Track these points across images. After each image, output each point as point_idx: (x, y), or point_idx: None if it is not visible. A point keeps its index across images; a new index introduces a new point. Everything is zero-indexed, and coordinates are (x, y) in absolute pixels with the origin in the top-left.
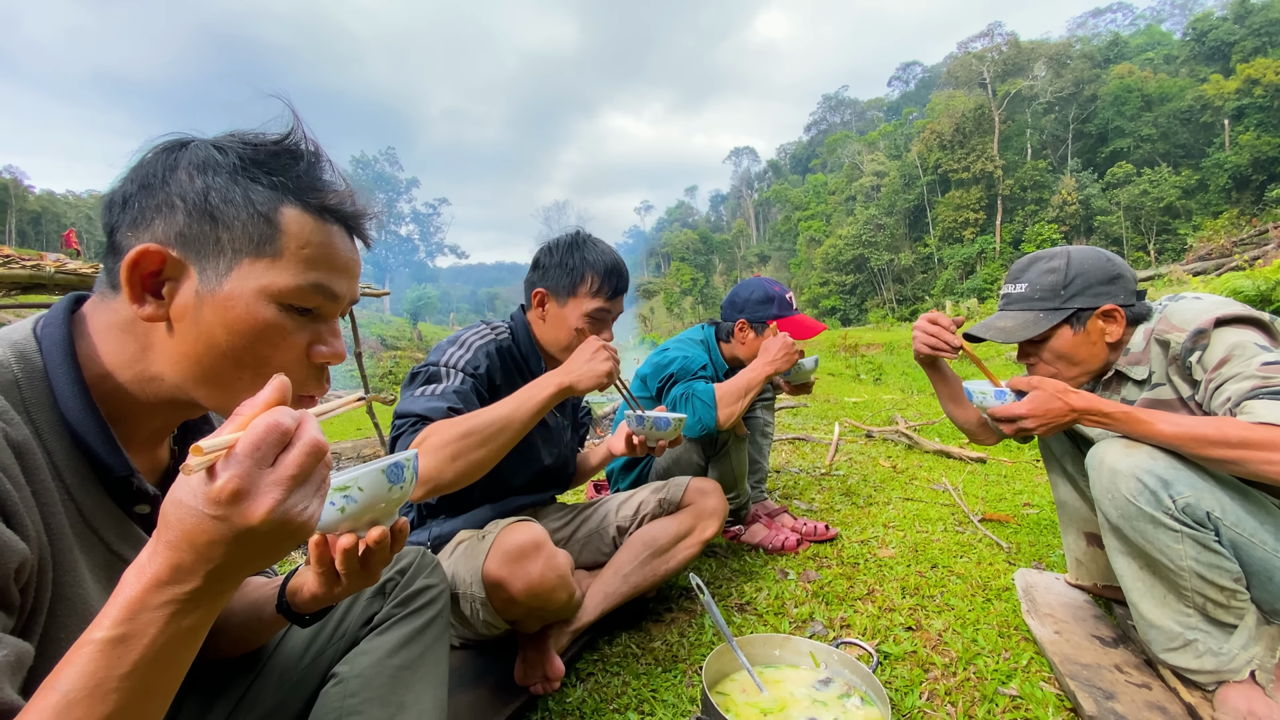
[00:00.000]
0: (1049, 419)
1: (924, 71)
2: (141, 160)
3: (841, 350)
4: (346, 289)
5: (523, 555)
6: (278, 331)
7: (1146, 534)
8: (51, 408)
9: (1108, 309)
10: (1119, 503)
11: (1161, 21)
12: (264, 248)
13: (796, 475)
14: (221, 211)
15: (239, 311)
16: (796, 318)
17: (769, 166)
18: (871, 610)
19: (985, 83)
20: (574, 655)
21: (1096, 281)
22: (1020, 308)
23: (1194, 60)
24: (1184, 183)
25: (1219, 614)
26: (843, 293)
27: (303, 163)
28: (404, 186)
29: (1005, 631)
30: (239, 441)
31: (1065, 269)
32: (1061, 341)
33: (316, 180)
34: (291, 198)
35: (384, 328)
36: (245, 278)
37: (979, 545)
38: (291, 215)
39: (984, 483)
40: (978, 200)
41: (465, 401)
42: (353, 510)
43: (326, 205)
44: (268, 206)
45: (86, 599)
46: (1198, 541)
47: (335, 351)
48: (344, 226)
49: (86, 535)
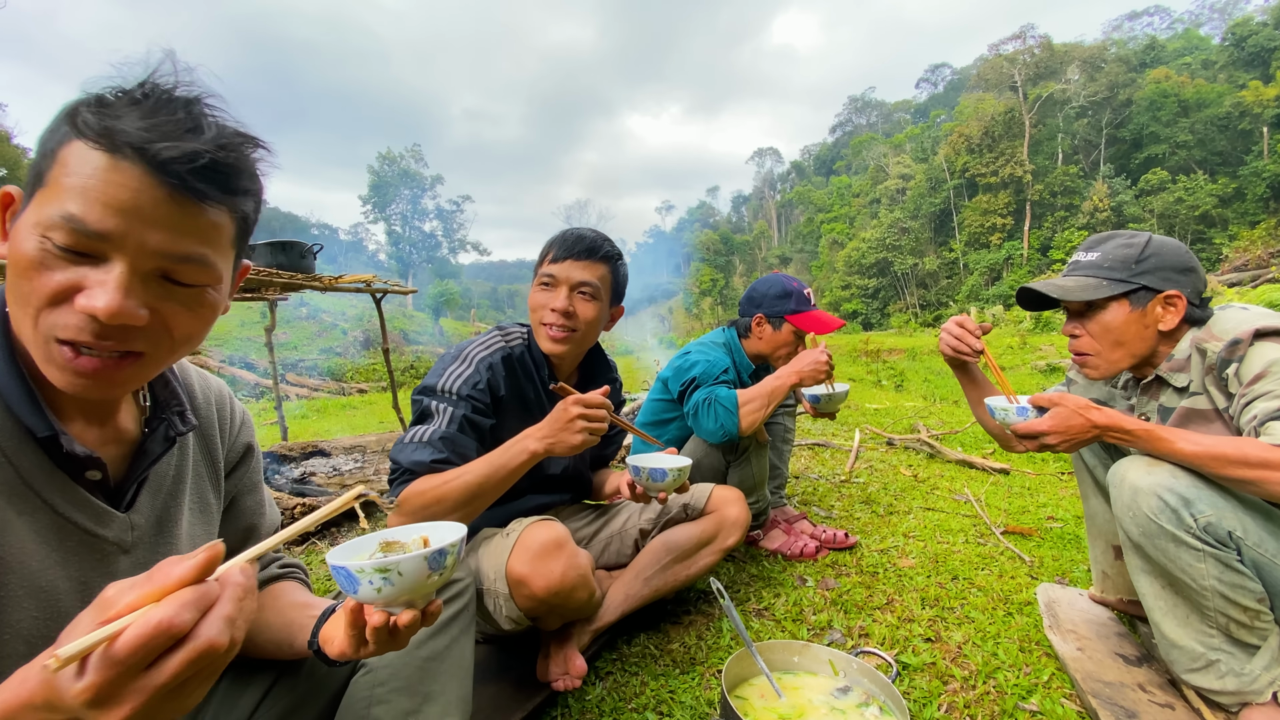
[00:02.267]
0: (1071, 435)
1: (953, 74)
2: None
3: (863, 355)
4: (114, 225)
5: (545, 554)
6: (33, 265)
7: (1169, 553)
8: None
9: (1171, 294)
10: (1140, 520)
11: (1200, 26)
12: (40, 180)
13: (816, 481)
14: (41, 149)
15: (15, 244)
16: (813, 313)
17: (792, 168)
18: (891, 620)
19: (1016, 85)
20: (594, 654)
21: (1170, 266)
22: (1086, 273)
23: (1233, 66)
24: (1221, 191)
25: (1242, 634)
26: (865, 296)
27: (140, 109)
28: (429, 183)
29: (1026, 646)
30: (120, 639)
31: (1144, 246)
32: (1116, 316)
33: (123, 115)
34: (86, 134)
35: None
36: (31, 212)
37: (1001, 558)
38: (74, 149)
39: (1007, 494)
40: (1005, 205)
41: (451, 446)
42: (389, 593)
43: (114, 135)
44: (57, 143)
45: (24, 559)
46: (1220, 561)
47: (90, 304)
48: (147, 163)
49: (27, 496)
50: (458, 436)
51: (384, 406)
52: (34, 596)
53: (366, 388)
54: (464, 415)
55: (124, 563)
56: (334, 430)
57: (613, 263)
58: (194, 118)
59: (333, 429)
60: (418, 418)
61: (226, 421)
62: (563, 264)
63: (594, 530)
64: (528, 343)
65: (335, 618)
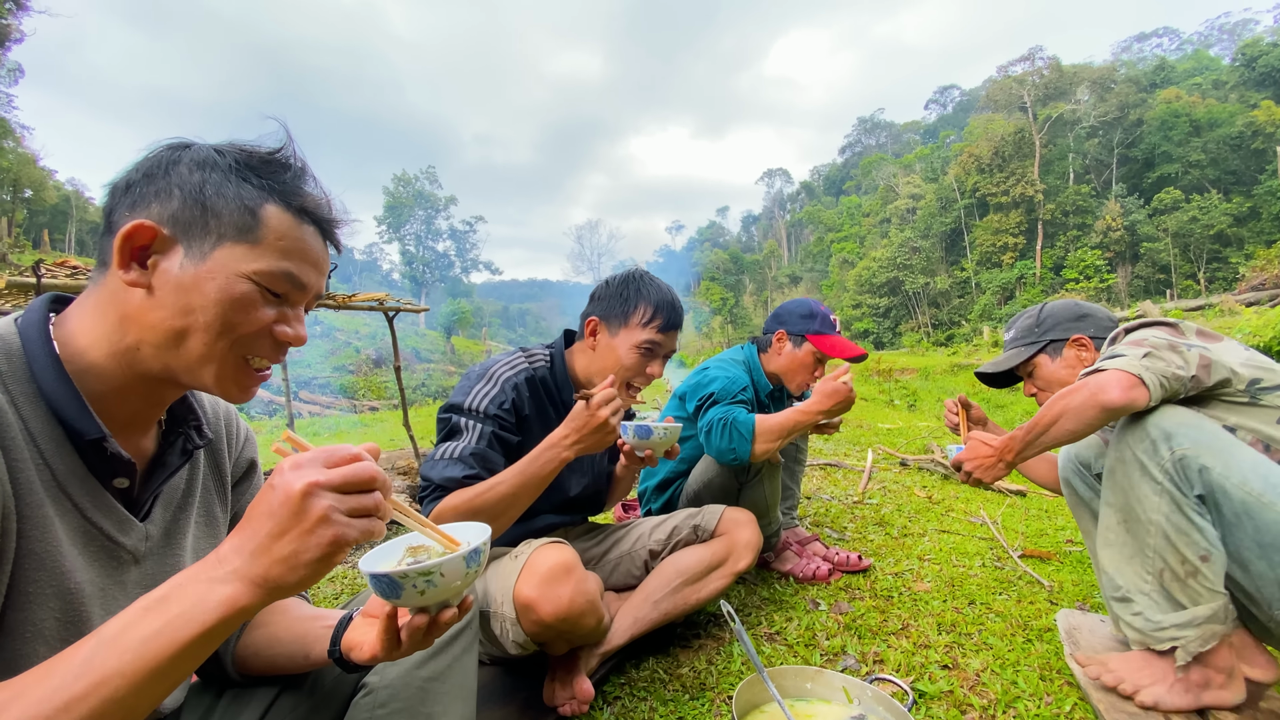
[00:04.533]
0: (979, 459)
1: (962, 95)
2: (147, 155)
3: (875, 374)
4: (314, 281)
5: (554, 578)
6: (249, 303)
7: (1132, 480)
8: (29, 380)
9: (1077, 338)
10: (1121, 450)
11: (1210, 46)
12: (245, 235)
13: (828, 502)
14: (213, 202)
15: (218, 282)
16: (836, 337)
17: (802, 188)
18: (906, 646)
19: (1025, 106)
20: (602, 678)
21: (1065, 319)
22: (1009, 346)
23: (1244, 86)
24: (1235, 210)
25: (1174, 588)
26: (876, 315)
27: (289, 172)
28: (442, 204)
29: (1047, 674)
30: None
31: (1038, 313)
32: (1044, 369)
33: (299, 187)
34: (275, 198)
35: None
36: (226, 257)
37: (1019, 582)
38: (273, 212)
39: (1024, 517)
40: (1017, 224)
41: (482, 462)
42: (433, 594)
43: (305, 207)
44: (253, 202)
45: (58, 558)
46: (1174, 501)
47: (297, 334)
48: (318, 229)
49: (60, 498)
50: (488, 452)
51: (395, 424)
52: (59, 597)
53: (378, 405)
54: (493, 432)
55: (134, 573)
56: None
57: None
58: (316, 182)
59: None
60: (446, 434)
61: (233, 437)
62: (668, 334)
63: (602, 551)
64: (551, 365)
65: (358, 625)
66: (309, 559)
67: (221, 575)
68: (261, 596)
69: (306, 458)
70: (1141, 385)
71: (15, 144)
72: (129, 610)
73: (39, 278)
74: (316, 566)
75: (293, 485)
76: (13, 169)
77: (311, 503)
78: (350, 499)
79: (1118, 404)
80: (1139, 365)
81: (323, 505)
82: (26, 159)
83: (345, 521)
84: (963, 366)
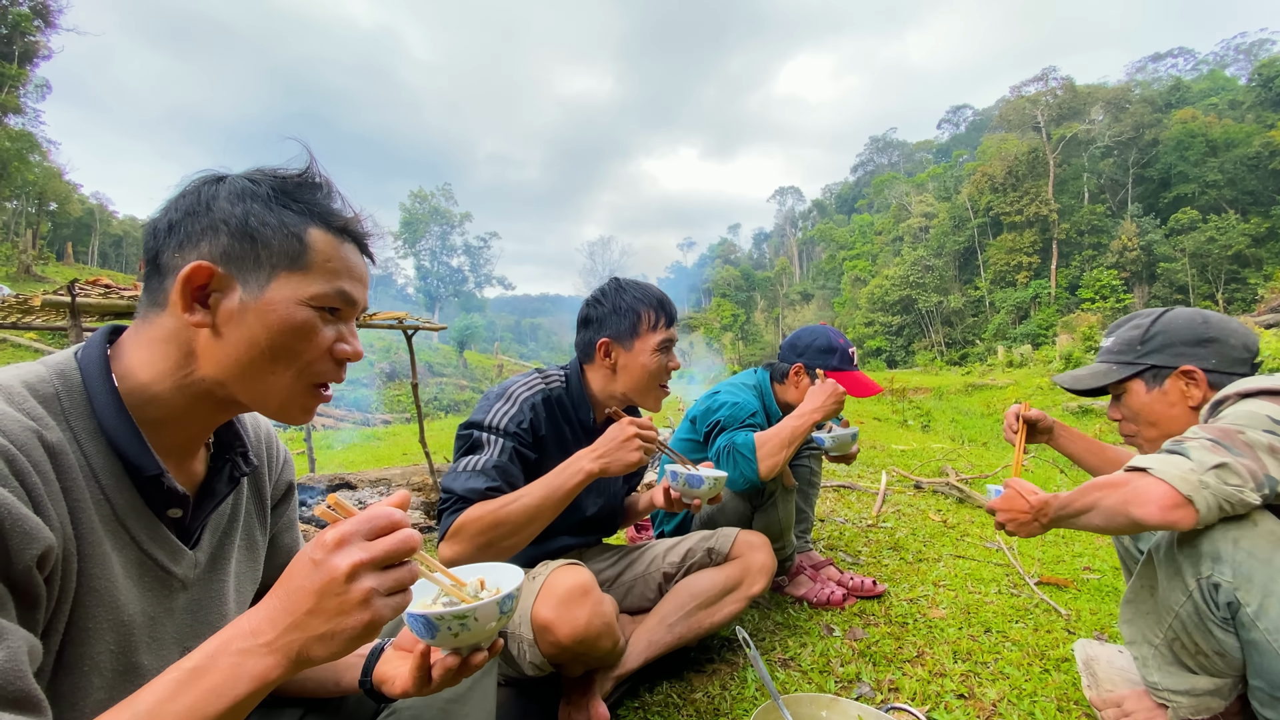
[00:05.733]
0: (1013, 514)
1: (974, 115)
2: (183, 192)
3: (888, 394)
4: (362, 296)
5: (571, 600)
6: (311, 329)
7: (1167, 572)
8: (89, 416)
9: (1187, 369)
10: (1169, 537)
11: (1225, 67)
12: (297, 262)
13: (842, 526)
14: (259, 233)
15: (280, 313)
16: (854, 374)
17: (814, 206)
18: (921, 674)
19: (1039, 126)
20: (616, 701)
21: (1180, 341)
22: (1102, 359)
23: (1261, 106)
24: (1254, 230)
25: (1182, 655)
26: (889, 334)
27: (321, 192)
28: (458, 220)
29: (1065, 706)
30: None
31: (1149, 325)
32: (1135, 397)
33: (332, 206)
34: (316, 220)
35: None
36: (282, 287)
37: (1035, 610)
38: (317, 235)
39: (1041, 543)
40: (1031, 244)
41: (504, 475)
42: (466, 636)
43: (346, 228)
44: (299, 228)
45: (115, 593)
46: (1198, 612)
47: (355, 349)
48: (356, 244)
49: (119, 533)
50: (509, 466)
51: (407, 438)
52: (115, 630)
53: (391, 419)
54: (513, 447)
55: (181, 599)
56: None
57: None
58: (343, 198)
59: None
60: (468, 449)
61: (273, 460)
62: (673, 327)
63: (617, 573)
64: (566, 385)
65: (389, 658)
66: (345, 639)
67: (253, 647)
68: (291, 670)
69: (349, 529)
70: (1189, 507)
71: (42, 158)
72: (161, 680)
73: (74, 297)
74: (349, 645)
75: (339, 567)
76: (39, 182)
77: (355, 585)
78: (389, 576)
79: (1152, 523)
80: (1197, 481)
81: (365, 588)
82: (53, 173)
83: (383, 603)
84: (977, 387)
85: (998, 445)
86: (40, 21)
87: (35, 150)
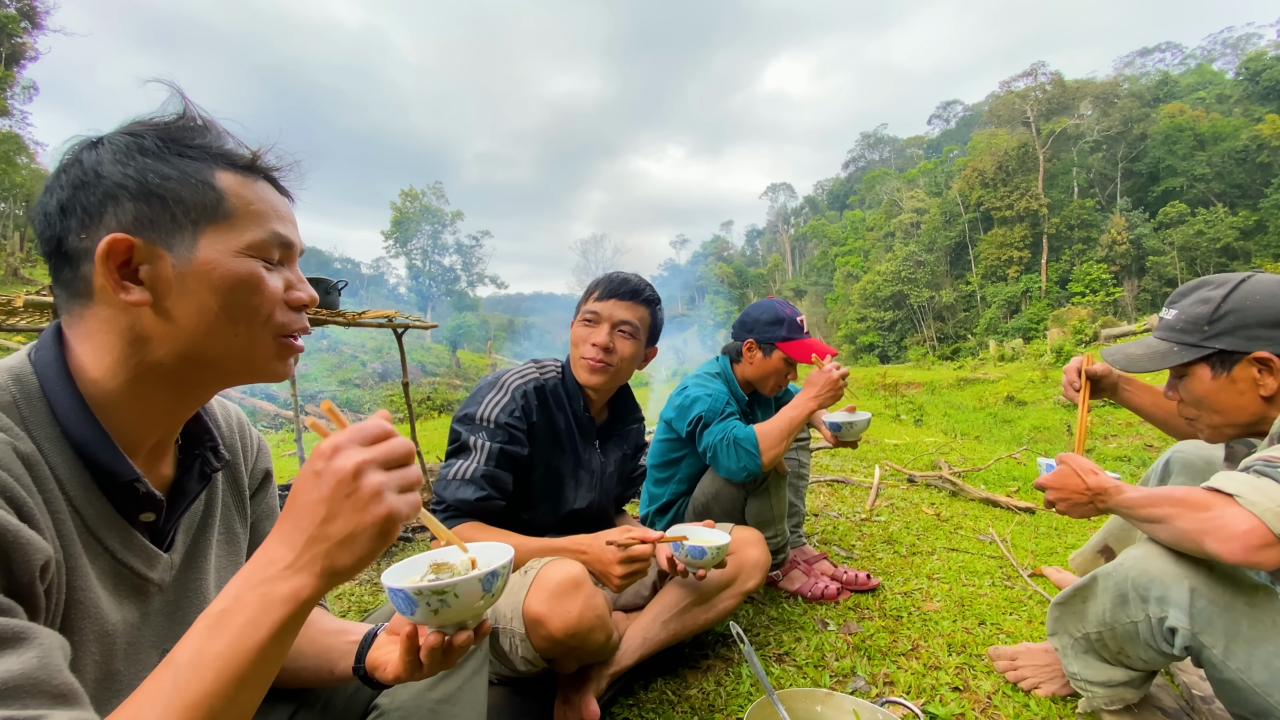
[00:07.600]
0: (1067, 494)
1: (965, 110)
2: (61, 166)
3: (881, 389)
4: (296, 237)
5: (563, 593)
6: (258, 280)
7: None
8: (51, 423)
9: (1262, 356)
10: (1119, 571)
11: (1213, 61)
12: (217, 212)
13: (836, 520)
14: (165, 188)
15: (222, 270)
16: (805, 340)
17: (806, 202)
18: (916, 667)
19: (1029, 121)
20: (610, 699)
21: (1257, 322)
22: (1160, 335)
23: (1248, 100)
24: (1242, 223)
25: (1102, 652)
26: (881, 329)
27: (210, 133)
28: (449, 219)
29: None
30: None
31: (1219, 301)
32: (1198, 383)
33: (227, 146)
34: (220, 163)
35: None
36: (214, 243)
37: (1029, 602)
38: (227, 178)
39: (1034, 535)
40: (1022, 238)
41: (493, 484)
42: (446, 614)
43: (253, 165)
44: (205, 174)
45: (97, 603)
46: (1142, 637)
47: (310, 294)
48: (269, 181)
49: (91, 544)
50: (497, 473)
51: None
52: (99, 641)
53: None
54: (500, 449)
55: (157, 602)
56: None
57: (652, 306)
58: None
59: None
60: (456, 449)
61: (248, 449)
62: (607, 302)
63: None
64: (562, 376)
65: (381, 643)
66: (367, 538)
67: (278, 573)
68: (323, 584)
69: (344, 438)
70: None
71: (29, 160)
72: (193, 633)
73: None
74: (373, 545)
75: (344, 467)
76: (26, 184)
77: (364, 481)
78: (397, 474)
79: (1233, 561)
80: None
81: (375, 482)
82: (40, 175)
83: (397, 498)
84: (969, 381)
85: (990, 439)
86: (27, 23)
87: (22, 152)
